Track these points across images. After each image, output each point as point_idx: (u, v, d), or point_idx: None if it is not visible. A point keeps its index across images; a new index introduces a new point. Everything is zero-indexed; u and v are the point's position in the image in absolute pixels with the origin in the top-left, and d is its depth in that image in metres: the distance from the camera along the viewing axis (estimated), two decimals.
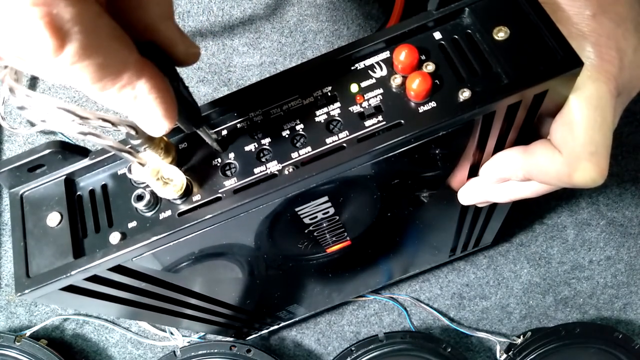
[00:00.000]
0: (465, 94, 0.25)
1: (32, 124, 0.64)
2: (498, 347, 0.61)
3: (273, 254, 0.37)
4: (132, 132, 0.24)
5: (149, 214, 0.28)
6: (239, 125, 0.28)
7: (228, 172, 0.28)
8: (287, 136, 0.27)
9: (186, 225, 0.26)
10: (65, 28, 0.15)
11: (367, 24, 0.64)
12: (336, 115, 0.27)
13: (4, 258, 0.66)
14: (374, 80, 0.27)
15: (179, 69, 0.22)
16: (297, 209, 0.29)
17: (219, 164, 0.28)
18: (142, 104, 0.20)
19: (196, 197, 0.27)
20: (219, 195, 0.27)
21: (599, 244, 0.65)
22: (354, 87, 0.27)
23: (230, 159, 0.28)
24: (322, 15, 0.64)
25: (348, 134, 0.27)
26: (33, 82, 0.65)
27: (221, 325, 0.49)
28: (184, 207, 0.27)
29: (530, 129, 0.29)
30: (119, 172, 0.29)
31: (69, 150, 0.28)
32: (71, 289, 0.28)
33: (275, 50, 0.64)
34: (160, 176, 0.25)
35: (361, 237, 0.39)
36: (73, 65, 0.16)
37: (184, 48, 0.22)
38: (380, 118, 0.26)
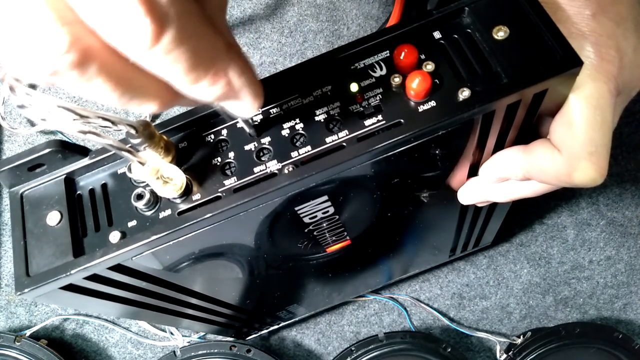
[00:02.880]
0: (464, 94, 0.25)
1: (32, 123, 0.64)
2: (498, 347, 0.61)
3: (273, 253, 0.37)
4: (132, 132, 0.24)
5: (148, 213, 0.28)
6: (238, 125, 0.28)
7: (228, 171, 0.28)
8: (286, 135, 0.27)
9: (186, 225, 0.26)
10: (164, 11, 0.14)
11: (367, 24, 0.64)
12: (336, 114, 0.27)
13: (4, 258, 0.66)
14: (373, 80, 0.27)
15: None
16: (296, 208, 0.29)
17: (218, 163, 0.28)
18: (235, 90, 0.18)
19: (196, 196, 0.27)
20: (219, 194, 0.27)
21: (599, 244, 0.65)
22: (353, 87, 0.27)
23: (230, 158, 0.28)
24: (322, 15, 0.64)
25: (348, 133, 0.27)
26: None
27: (221, 325, 0.49)
28: (183, 206, 0.27)
29: (530, 128, 0.29)
30: (119, 171, 0.29)
31: (69, 150, 0.28)
32: (71, 288, 0.28)
33: (275, 50, 0.64)
34: (160, 175, 0.25)
35: (361, 237, 0.39)
36: (169, 53, 0.15)
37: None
38: (380, 117, 0.26)
